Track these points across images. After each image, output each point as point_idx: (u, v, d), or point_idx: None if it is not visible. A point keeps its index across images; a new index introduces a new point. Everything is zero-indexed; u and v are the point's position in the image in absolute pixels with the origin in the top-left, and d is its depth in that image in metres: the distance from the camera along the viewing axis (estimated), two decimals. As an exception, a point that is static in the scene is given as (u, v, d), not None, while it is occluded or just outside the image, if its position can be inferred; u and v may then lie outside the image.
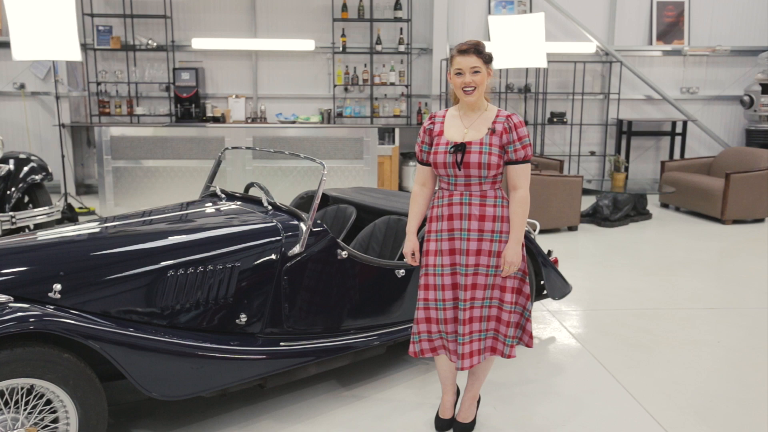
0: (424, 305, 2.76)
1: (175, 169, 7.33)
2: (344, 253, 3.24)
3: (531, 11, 9.15)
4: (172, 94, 9.02)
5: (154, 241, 2.95)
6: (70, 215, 7.18)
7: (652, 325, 4.37)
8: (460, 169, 2.63)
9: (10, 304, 2.32)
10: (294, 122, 9.01)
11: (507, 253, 2.64)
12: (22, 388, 2.33)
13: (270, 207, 3.36)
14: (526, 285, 2.75)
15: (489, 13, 9.19)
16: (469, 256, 2.67)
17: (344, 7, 8.92)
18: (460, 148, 2.63)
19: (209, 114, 9.00)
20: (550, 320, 4.46)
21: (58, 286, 2.63)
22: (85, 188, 9.23)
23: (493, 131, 2.63)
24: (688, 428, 3.05)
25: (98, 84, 8.97)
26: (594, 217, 7.50)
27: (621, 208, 7.43)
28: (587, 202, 7.86)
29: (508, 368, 3.67)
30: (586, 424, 3.09)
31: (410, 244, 2.84)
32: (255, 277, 3.05)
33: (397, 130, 8.59)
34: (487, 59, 2.64)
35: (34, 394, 2.36)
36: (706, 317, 4.53)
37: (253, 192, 3.72)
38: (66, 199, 7.38)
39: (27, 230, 5.58)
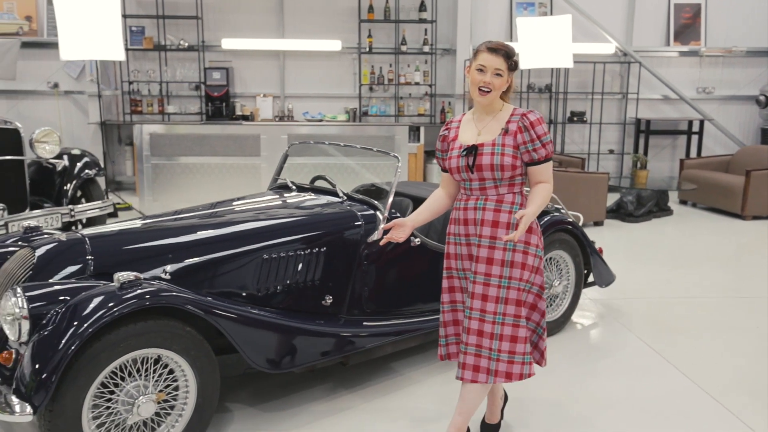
0: (451, 307, 2.70)
1: (212, 165, 7.54)
2: (417, 240, 3.47)
3: (551, 13, 9.39)
4: (202, 93, 9.23)
5: (246, 226, 3.18)
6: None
7: (690, 313, 4.60)
8: (472, 172, 2.55)
9: (140, 281, 2.53)
10: (321, 120, 9.23)
11: (523, 215, 2.39)
12: (150, 358, 2.55)
13: (345, 197, 3.58)
14: (542, 301, 2.66)
15: (511, 14, 9.42)
16: (479, 263, 2.56)
17: (370, 9, 9.15)
18: (472, 150, 2.55)
19: (238, 112, 9.22)
20: (593, 307, 4.68)
21: (168, 267, 2.86)
22: (115, 185, 9.43)
23: (506, 131, 2.54)
24: (747, 405, 3.28)
25: (130, 83, 9.18)
26: (618, 212, 7.73)
27: (644, 204, 7.66)
28: (609, 199, 8.08)
29: (557, 353, 3.89)
30: (646, 399, 3.32)
31: (400, 221, 2.71)
32: (339, 261, 3.28)
33: (422, 129, 8.83)
34: (513, 66, 2.54)
35: (160, 363, 2.58)
36: (739, 306, 4.76)
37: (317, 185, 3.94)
38: (107, 195, 7.58)
39: (80, 224, 5.81)
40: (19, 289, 2.45)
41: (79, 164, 5.86)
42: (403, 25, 9.31)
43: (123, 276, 2.48)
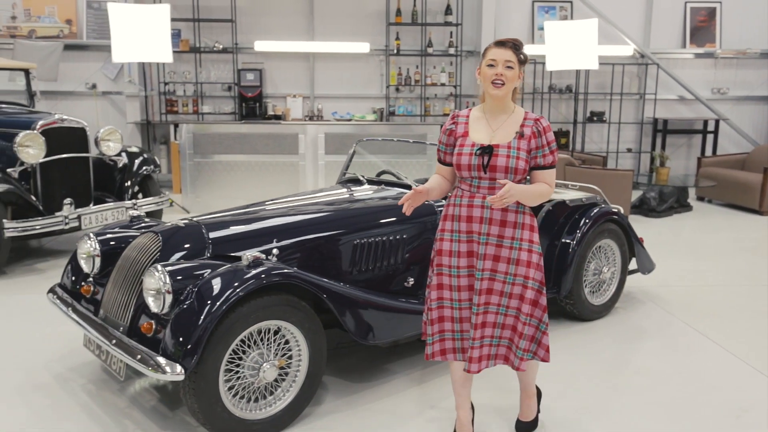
0: (438, 304, 2.68)
1: (252, 163, 7.86)
2: (485, 228, 3.79)
3: (572, 16, 9.73)
4: (235, 94, 9.55)
5: (336, 213, 3.52)
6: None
7: (724, 298, 4.92)
8: (485, 172, 2.55)
9: (262, 261, 2.85)
10: (350, 120, 9.55)
11: (510, 185, 2.44)
12: (270, 329, 2.86)
13: (416, 189, 3.90)
14: (543, 297, 2.64)
15: (533, 18, 9.76)
16: (486, 261, 2.60)
17: (398, 12, 9.47)
18: (487, 150, 2.54)
19: (270, 112, 9.53)
20: (634, 294, 5.00)
21: (275, 250, 3.17)
22: (150, 183, 9.73)
23: (521, 135, 2.55)
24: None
25: (166, 84, 9.49)
26: (641, 208, 8.05)
27: (666, 200, 7.98)
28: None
29: (607, 335, 4.21)
30: (697, 373, 3.64)
31: (422, 188, 2.64)
32: (418, 247, 3.61)
33: (448, 128, 9.15)
34: (522, 59, 2.57)
35: (278, 334, 2.89)
36: (770, 292, 5.09)
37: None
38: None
39: (137, 217, 6.11)
40: (159, 267, 2.76)
41: (137, 161, 6.19)
42: (430, 28, 9.65)
43: (249, 255, 2.80)
